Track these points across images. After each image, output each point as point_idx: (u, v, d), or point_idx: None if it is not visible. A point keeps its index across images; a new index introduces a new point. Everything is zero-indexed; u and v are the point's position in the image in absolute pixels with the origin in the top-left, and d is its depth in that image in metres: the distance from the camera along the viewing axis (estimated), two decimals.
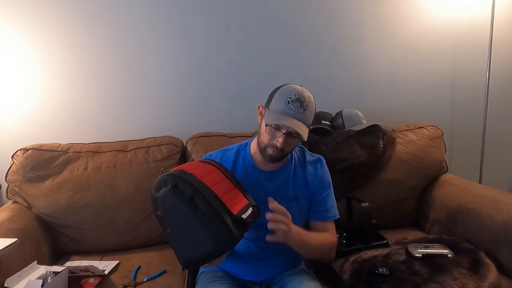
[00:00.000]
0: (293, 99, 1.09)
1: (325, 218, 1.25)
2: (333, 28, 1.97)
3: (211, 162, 1.14)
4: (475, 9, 2.04)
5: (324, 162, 1.30)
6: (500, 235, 1.35)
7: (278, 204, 1.04)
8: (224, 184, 1.06)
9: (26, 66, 1.77)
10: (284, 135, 1.09)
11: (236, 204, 1.01)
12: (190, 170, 1.01)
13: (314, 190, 1.25)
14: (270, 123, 1.09)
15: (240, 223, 0.97)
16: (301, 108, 1.08)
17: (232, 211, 0.97)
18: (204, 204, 0.95)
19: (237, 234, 0.95)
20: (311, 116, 1.13)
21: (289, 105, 1.08)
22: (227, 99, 1.95)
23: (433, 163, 1.79)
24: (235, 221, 0.96)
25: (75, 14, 1.77)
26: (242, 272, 1.26)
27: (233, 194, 1.05)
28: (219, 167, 1.12)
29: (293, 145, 1.17)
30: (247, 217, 1.00)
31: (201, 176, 1.01)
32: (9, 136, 1.79)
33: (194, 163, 1.15)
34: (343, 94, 2.03)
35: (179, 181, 0.97)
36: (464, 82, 2.13)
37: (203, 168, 1.07)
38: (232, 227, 0.94)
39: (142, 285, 1.33)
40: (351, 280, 1.23)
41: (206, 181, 0.99)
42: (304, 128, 1.09)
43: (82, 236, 1.59)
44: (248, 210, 1.02)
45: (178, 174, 0.99)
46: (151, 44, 1.85)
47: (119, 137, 1.76)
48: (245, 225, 1.00)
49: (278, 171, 1.24)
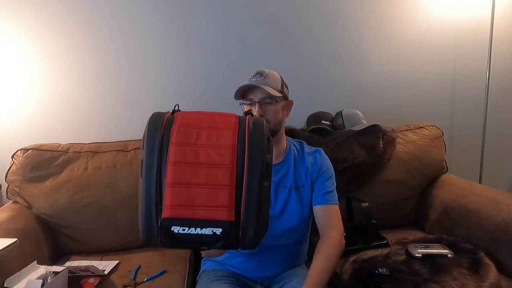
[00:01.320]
0: (253, 74, 1.22)
1: (327, 201, 1.24)
2: (333, 28, 1.97)
3: (246, 132, 0.75)
4: (475, 9, 2.04)
5: (322, 152, 1.32)
6: (500, 235, 1.35)
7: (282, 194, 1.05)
8: (213, 171, 0.70)
9: (26, 66, 1.77)
10: (258, 104, 1.17)
11: (193, 208, 0.69)
12: (179, 125, 0.74)
13: (315, 177, 1.26)
14: (241, 96, 1.21)
15: (165, 232, 0.69)
16: (261, 76, 1.19)
17: (166, 211, 0.68)
18: (143, 177, 0.71)
19: (147, 238, 0.71)
20: (275, 81, 1.21)
21: (250, 80, 1.20)
22: (227, 99, 1.93)
23: (433, 163, 1.79)
24: (158, 225, 0.69)
25: (75, 14, 1.77)
26: (244, 268, 1.26)
27: (213, 193, 0.70)
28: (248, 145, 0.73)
29: (275, 113, 1.20)
30: (183, 234, 0.68)
31: (183, 141, 0.71)
32: (9, 136, 1.79)
33: (214, 116, 0.78)
34: (343, 94, 2.03)
35: (145, 130, 0.74)
36: (464, 82, 2.13)
37: (211, 133, 0.74)
38: (144, 226, 0.70)
39: (142, 285, 1.32)
40: (351, 280, 1.23)
41: (179, 151, 0.71)
42: (270, 88, 1.16)
43: (82, 236, 1.59)
44: (204, 229, 0.68)
45: (153, 120, 0.75)
46: (151, 44, 1.85)
47: (119, 137, 1.76)
48: (174, 239, 0.69)
49: (280, 164, 1.26)
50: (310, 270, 1.10)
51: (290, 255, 1.28)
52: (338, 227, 1.21)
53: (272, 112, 1.19)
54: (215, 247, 0.71)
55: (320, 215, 1.23)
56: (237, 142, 0.73)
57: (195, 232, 0.68)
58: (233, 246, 0.72)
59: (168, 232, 0.68)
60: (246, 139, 0.74)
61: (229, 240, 0.70)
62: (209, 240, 0.69)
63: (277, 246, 1.23)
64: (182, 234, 0.68)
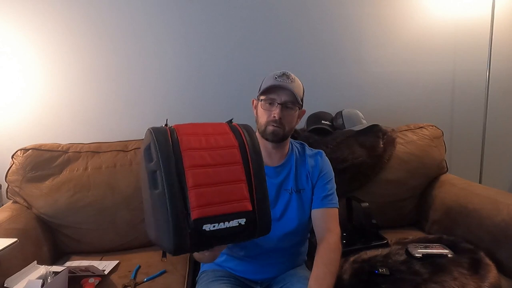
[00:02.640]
0: (279, 74, 1.18)
1: (326, 204, 1.23)
2: (333, 28, 1.97)
3: (242, 135, 0.85)
4: (475, 9, 2.04)
5: (324, 155, 1.32)
6: (500, 235, 1.35)
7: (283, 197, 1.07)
8: (226, 170, 0.78)
9: (26, 66, 1.77)
10: (280, 106, 1.15)
11: (217, 205, 0.74)
12: (184, 133, 0.78)
13: (315, 180, 1.26)
14: (263, 93, 1.17)
15: (196, 233, 0.73)
16: (288, 79, 1.17)
17: (195, 213, 0.72)
18: (161, 185, 0.73)
19: (178, 245, 0.72)
20: (299, 88, 1.20)
21: (277, 79, 1.17)
22: (227, 99, 1.95)
23: (433, 163, 1.79)
24: (188, 228, 0.72)
25: (75, 14, 1.77)
26: (243, 270, 1.26)
27: (230, 189, 0.78)
28: (248, 144, 0.84)
29: (291, 119, 1.20)
30: (214, 230, 0.73)
31: (190, 148, 0.76)
32: (9, 136, 1.79)
33: (208, 125, 0.85)
34: (343, 94, 2.03)
35: (152, 142, 0.76)
36: (464, 82, 2.13)
37: (213, 138, 0.81)
38: (174, 234, 0.71)
39: (142, 285, 1.32)
40: (351, 280, 1.22)
41: (192, 156, 0.75)
42: (296, 96, 1.16)
43: (82, 236, 1.59)
44: (232, 222, 0.75)
45: (157, 133, 0.76)
46: (151, 44, 1.85)
47: (119, 137, 1.76)
48: (205, 238, 0.74)
49: (281, 166, 1.25)
50: (312, 277, 1.09)
51: (290, 257, 1.28)
52: (336, 231, 1.20)
53: (290, 117, 1.19)
54: (239, 239, 0.81)
55: (318, 219, 1.23)
56: (238, 143, 0.83)
57: (224, 226, 0.74)
58: (252, 234, 0.81)
59: (200, 232, 0.73)
60: (245, 139, 0.84)
61: (250, 228, 0.79)
62: (236, 231, 0.77)
63: (277, 249, 1.23)
64: (213, 230, 0.73)
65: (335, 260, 1.14)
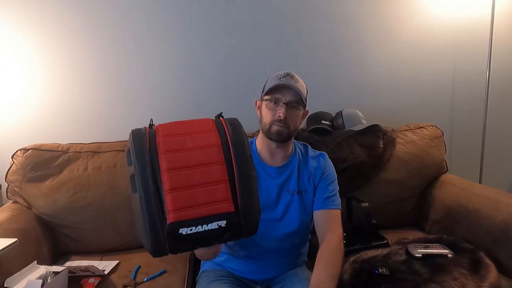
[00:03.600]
0: (283, 75, 1.18)
1: (328, 206, 1.23)
2: (333, 28, 1.97)
3: (226, 131, 0.81)
4: (475, 9, 2.04)
5: (326, 156, 1.31)
6: (500, 235, 1.35)
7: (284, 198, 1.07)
8: (206, 171, 0.75)
9: (26, 66, 1.77)
10: (285, 105, 1.15)
11: (195, 208, 0.72)
12: (162, 135, 0.77)
13: (317, 181, 1.25)
14: (267, 92, 1.17)
15: (173, 237, 0.71)
16: (292, 79, 1.16)
17: (170, 216, 0.70)
18: (139, 190, 0.72)
19: (156, 248, 0.72)
20: (303, 89, 1.19)
21: (281, 80, 1.16)
22: (227, 99, 1.95)
23: (433, 163, 1.79)
24: (164, 232, 0.71)
25: (75, 14, 1.77)
26: (243, 270, 1.26)
27: (210, 190, 0.74)
28: (231, 141, 0.80)
29: (296, 118, 1.19)
30: (191, 234, 0.71)
31: (172, 149, 0.74)
32: (9, 136, 1.79)
33: (192, 123, 0.84)
34: (343, 94, 2.03)
35: (130, 146, 0.75)
36: (464, 82, 2.13)
37: (195, 137, 0.78)
38: (151, 238, 0.71)
39: (142, 285, 1.32)
40: (351, 280, 1.22)
41: (169, 159, 0.73)
42: (300, 96, 1.15)
43: (82, 236, 1.59)
44: (210, 224, 0.72)
45: (135, 136, 0.75)
46: (151, 44, 1.85)
47: (119, 137, 1.75)
48: (183, 241, 0.73)
49: (284, 166, 1.25)
50: (312, 280, 1.08)
51: (290, 257, 1.28)
52: (337, 232, 1.19)
53: (294, 117, 1.18)
54: (223, 240, 0.76)
55: (319, 220, 1.22)
56: (220, 141, 0.79)
57: (202, 229, 0.71)
58: (237, 235, 0.77)
59: (177, 236, 0.71)
60: (228, 136, 0.80)
61: (234, 229, 0.75)
62: (216, 234, 0.73)
63: (277, 249, 1.23)
64: (190, 234, 0.71)
65: (336, 262, 1.13)
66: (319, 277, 1.08)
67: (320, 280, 1.07)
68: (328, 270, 1.10)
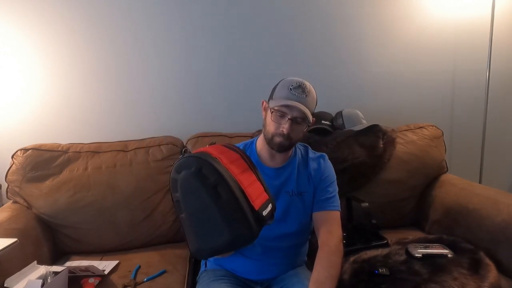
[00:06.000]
0: (295, 86, 1.14)
1: (327, 207, 1.22)
2: (333, 28, 1.97)
3: (235, 149, 1.05)
4: (475, 9, 2.04)
5: (326, 158, 1.31)
6: (500, 235, 1.35)
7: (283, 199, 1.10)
8: (247, 174, 0.99)
9: (26, 66, 1.77)
10: (290, 121, 1.12)
11: (257, 198, 0.95)
12: (216, 155, 0.93)
13: (317, 183, 1.25)
14: (275, 106, 1.13)
15: (259, 220, 0.92)
16: (303, 93, 1.13)
17: (254, 205, 0.91)
18: (227, 194, 0.88)
19: (256, 232, 0.91)
20: (313, 103, 1.17)
21: (291, 92, 1.13)
22: (227, 99, 1.95)
23: (433, 163, 1.79)
24: (255, 218, 0.90)
25: (75, 14, 1.77)
26: (243, 270, 1.26)
27: (256, 187, 0.98)
28: (243, 156, 1.04)
29: (299, 132, 1.18)
30: (266, 215, 0.94)
31: (226, 163, 0.94)
32: (9, 136, 1.79)
33: (218, 147, 1.04)
34: (343, 94, 2.03)
35: (204, 165, 0.89)
36: (464, 82, 2.13)
37: (227, 154, 0.99)
38: (253, 224, 0.89)
39: (142, 285, 1.32)
40: (351, 280, 1.23)
41: (231, 169, 0.92)
42: (308, 112, 1.13)
43: (82, 236, 1.59)
44: (268, 206, 0.97)
45: (204, 157, 0.90)
46: (151, 44, 1.85)
47: (119, 137, 1.76)
48: (263, 223, 0.95)
49: (283, 168, 1.25)
50: (311, 282, 1.07)
51: (290, 257, 1.28)
52: (336, 234, 1.19)
53: (298, 131, 1.16)
54: (272, 220, 1.00)
55: (319, 222, 1.22)
56: (239, 155, 1.03)
57: (267, 209, 0.96)
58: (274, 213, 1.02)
59: (262, 217, 0.92)
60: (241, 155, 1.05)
61: (274, 210, 1.01)
62: (271, 213, 0.99)
63: (277, 250, 1.23)
64: (265, 214, 0.94)
65: (336, 263, 1.12)
66: (319, 277, 1.08)
67: (319, 281, 1.07)
68: (327, 271, 1.10)
